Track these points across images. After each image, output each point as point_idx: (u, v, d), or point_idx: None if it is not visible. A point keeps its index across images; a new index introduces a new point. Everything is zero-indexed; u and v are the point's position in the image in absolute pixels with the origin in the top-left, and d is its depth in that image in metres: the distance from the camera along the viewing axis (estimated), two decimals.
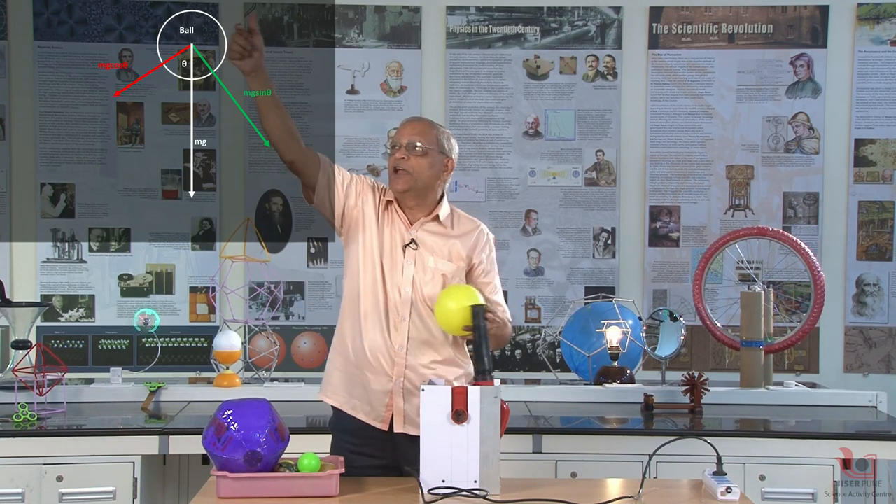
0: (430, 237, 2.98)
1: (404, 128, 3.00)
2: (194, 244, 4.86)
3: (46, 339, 4.74)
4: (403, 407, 2.91)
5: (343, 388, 2.99)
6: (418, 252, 2.95)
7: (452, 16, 4.92)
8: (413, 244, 2.96)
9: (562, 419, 3.84)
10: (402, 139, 2.96)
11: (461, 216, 3.08)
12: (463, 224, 3.05)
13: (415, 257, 2.95)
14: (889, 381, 4.75)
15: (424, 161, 2.94)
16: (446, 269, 2.95)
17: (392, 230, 2.97)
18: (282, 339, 4.77)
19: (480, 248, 3.03)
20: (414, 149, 2.93)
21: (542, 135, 4.94)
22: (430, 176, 2.96)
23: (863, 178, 4.89)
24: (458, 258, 2.98)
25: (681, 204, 4.93)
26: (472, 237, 3.02)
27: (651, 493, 2.67)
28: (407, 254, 2.95)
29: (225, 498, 2.56)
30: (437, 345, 2.95)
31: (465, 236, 3.02)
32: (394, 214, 2.99)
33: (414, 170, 2.93)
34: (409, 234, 2.97)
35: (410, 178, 2.93)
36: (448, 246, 2.98)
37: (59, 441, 3.53)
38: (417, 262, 2.94)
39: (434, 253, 2.96)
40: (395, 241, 2.96)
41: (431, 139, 2.96)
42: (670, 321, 4.27)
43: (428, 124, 3.02)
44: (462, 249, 2.99)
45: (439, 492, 2.57)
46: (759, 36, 4.90)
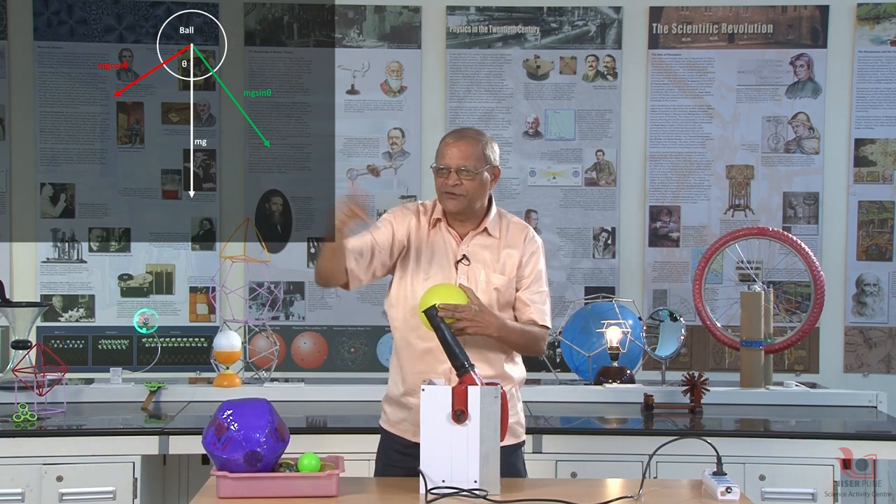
0: (481, 251, 2.97)
1: (450, 149, 2.93)
2: (194, 244, 4.86)
3: (46, 339, 4.74)
4: None
5: (403, 418, 2.98)
6: (470, 268, 2.94)
7: (452, 16, 4.92)
8: (465, 260, 2.95)
9: (562, 419, 3.84)
10: (451, 163, 2.91)
11: (511, 222, 3.04)
12: (513, 232, 3.02)
13: (467, 273, 2.94)
14: (889, 381, 4.75)
15: (476, 182, 2.92)
16: (499, 282, 2.94)
17: (442, 248, 2.96)
18: (282, 339, 4.77)
19: (528, 256, 3.00)
20: (465, 173, 2.90)
21: (542, 135, 4.93)
22: (482, 193, 2.95)
23: (863, 178, 4.89)
24: (510, 268, 2.97)
25: (681, 204, 4.93)
26: (521, 246, 2.99)
27: (651, 493, 2.67)
28: (459, 270, 2.94)
29: (225, 498, 2.56)
30: (491, 358, 2.94)
31: (514, 244, 2.99)
32: (443, 231, 2.98)
33: (468, 192, 2.91)
34: (460, 250, 2.96)
35: (464, 200, 2.92)
36: (501, 258, 2.97)
37: (59, 441, 3.53)
38: (470, 278, 2.93)
39: (486, 266, 2.95)
40: (446, 259, 2.95)
41: (479, 159, 2.92)
42: (670, 321, 4.27)
43: (473, 141, 2.95)
44: (514, 257, 2.97)
45: (439, 492, 2.57)
46: (759, 36, 4.90)
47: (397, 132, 4.90)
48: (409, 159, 4.90)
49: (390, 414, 3.04)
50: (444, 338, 2.71)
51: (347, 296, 4.84)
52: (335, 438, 3.55)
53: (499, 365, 2.96)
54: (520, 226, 3.05)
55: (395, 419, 3.01)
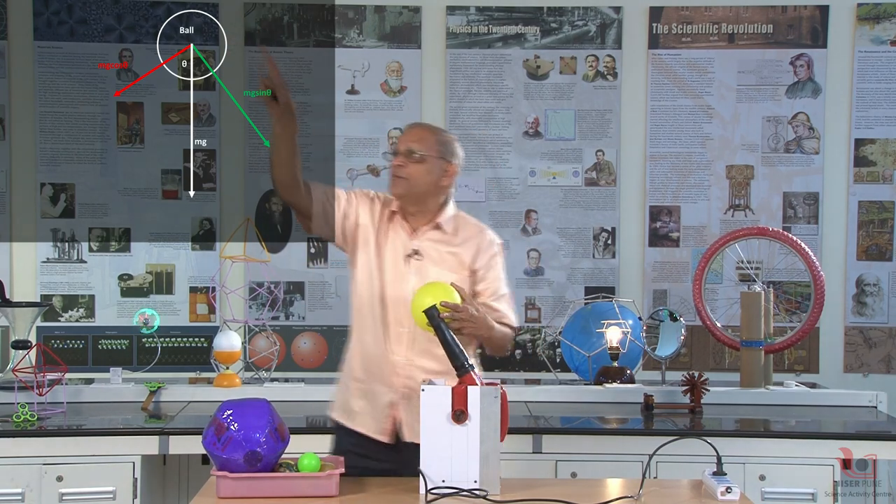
0: (433, 246, 2.96)
1: (405, 134, 3.01)
2: (194, 244, 4.86)
3: (46, 339, 4.74)
4: (406, 417, 2.90)
5: (346, 404, 3.00)
6: (421, 263, 2.94)
7: (452, 16, 4.92)
8: (416, 255, 2.95)
9: (562, 419, 3.84)
10: (400, 146, 2.96)
11: (466, 221, 3.04)
12: (467, 230, 3.02)
13: (417, 268, 2.93)
14: (889, 381, 4.75)
15: (422, 167, 2.92)
16: (449, 280, 2.90)
17: (395, 240, 2.96)
18: (282, 339, 4.77)
19: (481, 253, 2.99)
20: (411, 155, 2.92)
21: (542, 135, 4.94)
22: (427, 182, 2.94)
23: (863, 178, 4.89)
24: (461, 267, 2.95)
25: (681, 204, 4.93)
26: (475, 243, 2.99)
27: (651, 493, 2.67)
28: (410, 264, 2.94)
29: (225, 498, 2.56)
30: (439, 355, 2.92)
31: (467, 243, 2.99)
32: (397, 224, 2.98)
33: (410, 176, 2.92)
34: (411, 244, 2.96)
35: (406, 184, 2.92)
36: (451, 255, 2.96)
37: (59, 441, 3.53)
38: (420, 273, 2.92)
39: (437, 263, 2.94)
40: (397, 252, 2.95)
41: (430, 145, 2.94)
42: (670, 321, 4.27)
43: (428, 130, 3.01)
44: (465, 257, 2.97)
45: (439, 492, 2.57)
46: (759, 36, 4.90)
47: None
48: None
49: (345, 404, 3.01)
50: (445, 338, 2.71)
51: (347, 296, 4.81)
52: None
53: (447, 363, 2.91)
54: (476, 226, 3.04)
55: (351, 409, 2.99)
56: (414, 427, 2.88)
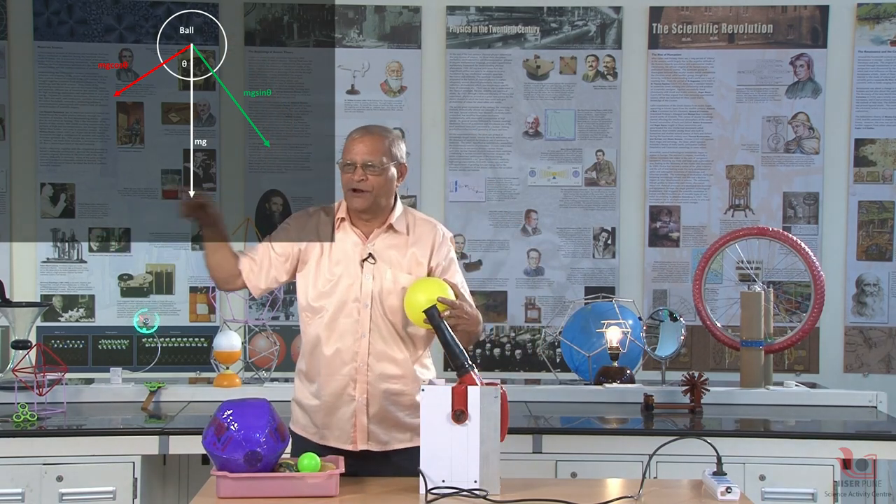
0: (387, 249, 2.93)
1: (356, 144, 2.90)
2: (194, 244, 4.86)
3: (46, 339, 4.74)
4: (368, 424, 2.89)
5: (309, 418, 2.97)
6: (376, 266, 2.91)
7: (452, 16, 4.92)
8: (371, 258, 2.92)
9: (562, 419, 3.84)
10: (356, 158, 2.88)
11: (417, 219, 3.02)
12: (419, 227, 2.99)
13: (373, 272, 2.90)
14: (889, 381, 4.75)
15: (381, 178, 2.89)
16: (406, 281, 2.89)
17: (346, 247, 2.93)
18: (282, 339, 4.77)
19: (437, 249, 2.96)
20: (370, 168, 2.87)
21: (542, 135, 4.93)
22: (388, 190, 2.93)
23: (863, 178, 4.89)
24: (416, 267, 2.93)
25: (681, 204, 4.93)
26: (429, 240, 2.97)
27: (651, 493, 2.67)
28: (365, 269, 2.91)
29: (225, 498, 2.56)
30: (399, 360, 2.92)
31: (421, 241, 2.96)
32: (348, 231, 2.95)
33: (374, 188, 2.88)
34: (366, 249, 2.93)
35: (370, 196, 2.89)
36: (407, 256, 2.94)
37: (59, 441, 3.53)
38: (376, 277, 2.90)
39: (392, 265, 2.91)
40: (349, 258, 2.92)
41: (385, 153, 2.89)
42: (670, 321, 4.27)
43: (378, 137, 2.92)
44: (421, 256, 2.94)
45: (439, 492, 2.57)
46: (759, 36, 4.90)
47: (397, 132, 4.89)
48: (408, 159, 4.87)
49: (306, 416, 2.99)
50: (445, 338, 2.71)
51: None
52: None
53: (406, 366, 2.93)
54: (428, 223, 3.01)
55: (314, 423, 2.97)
56: (374, 434, 2.89)
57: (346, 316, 2.89)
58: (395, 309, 2.89)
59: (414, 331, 2.92)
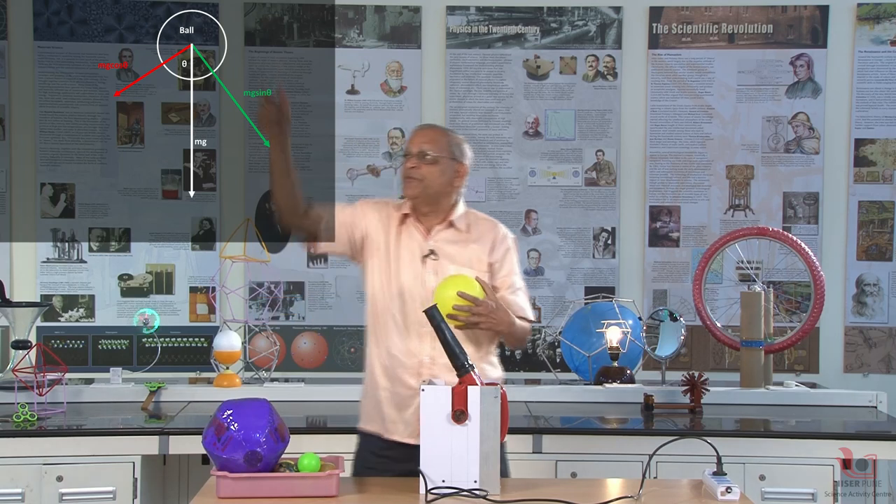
0: (448, 245, 2.99)
1: (415, 136, 3.03)
2: (194, 244, 4.86)
3: (46, 339, 4.74)
4: None
5: (377, 413, 2.99)
6: (438, 262, 2.96)
7: (452, 16, 4.92)
8: (432, 254, 2.97)
9: (562, 419, 3.84)
10: (413, 147, 2.99)
11: (478, 218, 3.09)
12: (480, 226, 3.06)
13: (435, 268, 2.96)
14: (889, 381, 4.75)
15: (435, 169, 2.96)
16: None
17: (409, 242, 2.99)
18: (282, 339, 4.77)
19: (496, 247, 3.03)
20: (424, 157, 2.96)
21: (542, 135, 4.93)
22: (441, 183, 2.98)
23: (863, 178, 4.89)
24: (477, 262, 2.99)
25: (681, 204, 4.93)
26: (489, 237, 3.03)
27: (651, 493, 2.67)
28: (427, 265, 2.96)
29: (225, 498, 2.56)
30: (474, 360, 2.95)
31: (482, 238, 3.02)
32: (410, 227, 3.01)
33: (424, 177, 2.96)
34: (427, 245, 2.98)
35: (420, 185, 2.96)
36: (468, 252, 2.99)
37: (59, 441, 3.53)
38: (438, 273, 2.95)
39: (454, 261, 2.97)
40: (413, 254, 2.97)
41: (442, 146, 2.98)
42: (670, 321, 4.27)
43: (439, 132, 3.04)
44: (482, 253, 3.00)
45: (439, 492, 2.57)
46: (759, 36, 4.90)
47: (397, 132, 4.90)
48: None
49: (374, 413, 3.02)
50: (445, 338, 2.71)
51: (347, 296, 4.84)
52: (335, 438, 3.54)
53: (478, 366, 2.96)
54: (489, 222, 3.08)
55: (382, 419, 2.99)
56: None
57: (412, 311, 2.92)
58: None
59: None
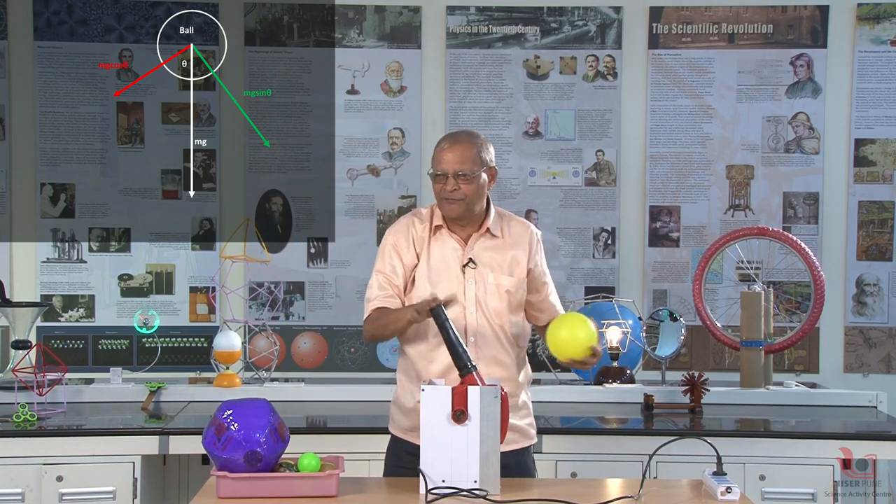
0: (486, 253, 2.98)
1: (446, 154, 2.92)
2: (194, 244, 4.86)
3: (46, 339, 4.74)
4: None
5: (410, 421, 2.95)
6: (477, 270, 2.96)
7: (452, 16, 4.92)
8: (471, 263, 2.96)
9: (562, 419, 3.84)
10: (447, 168, 2.91)
11: (511, 220, 3.07)
12: (514, 229, 3.04)
13: (475, 276, 2.95)
14: (889, 381, 4.75)
15: (474, 185, 2.92)
16: (509, 284, 2.96)
17: (445, 253, 2.97)
18: (282, 339, 4.77)
19: (534, 251, 3.03)
20: (462, 177, 2.90)
21: (542, 135, 4.93)
22: (481, 195, 2.96)
23: (863, 178, 4.88)
24: (517, 268, 2.99)
25: (681, 204, 4.93)
26: (526, 242, 3.02)
27: (651, 493, 2.67)
28: (466, 274, 2.95)
29: (225, 498, 2.56)
30: (505, 363, 2.98)
31: (519, 243, 3.01)
32: (445, 237, 2.99)
33: (466, 196, 2.92)
34: (465, 255, 2.97)
35: (463, 204, 2.93)
36: (507, 259, 2.99)
37: (59, 441, 3.53)
38: (478, 281, 2.95)
39: (493, 269, 2.96)
40: (449, 264, 2.96)
41: (475, 160, 2.92)
42: (670, 321, 4.27)
43: (466, 145, 2.94)
44: (521, 259, 3.00)
45: (439, 492, 2.57)
46: (759, 36, 4.90)
47: (397, 132, 4.90)
48: (409, 159, 4.90)
49: (400, 421, 3.04)
50: (449, 338, 2.72)
51: (347, 296, 4.84)
52: (335, 438, 3.55)
53: (512, 369, 3.00)
54: (522, 224, 3.07)
55: (405, 426, 3.00)
56: None
57: (454, 321, 2.87)
58: (499, 312, 2.95)
59: (517, 332, 3.00)
